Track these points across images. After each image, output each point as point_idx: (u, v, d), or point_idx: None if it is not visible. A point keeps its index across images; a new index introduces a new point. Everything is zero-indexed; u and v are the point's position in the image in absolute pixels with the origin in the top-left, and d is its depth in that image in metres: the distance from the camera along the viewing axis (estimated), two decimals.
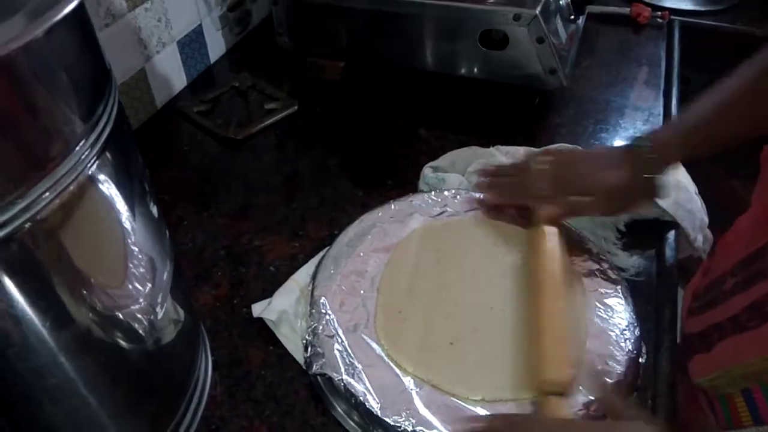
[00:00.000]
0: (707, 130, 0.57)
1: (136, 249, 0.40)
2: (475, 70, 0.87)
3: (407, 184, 0.75)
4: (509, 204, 0.68)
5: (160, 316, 0.44)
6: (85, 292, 0.36)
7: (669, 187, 0.61)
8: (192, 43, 0.95)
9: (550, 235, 0.60)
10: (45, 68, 0.29)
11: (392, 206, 0.69)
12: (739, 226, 0.57)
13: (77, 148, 0.32)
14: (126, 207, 0.38)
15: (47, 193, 0.30)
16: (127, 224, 0.39)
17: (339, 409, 0.52)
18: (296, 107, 0.90)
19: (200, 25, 0.95)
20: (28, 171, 0.29)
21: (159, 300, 0.44)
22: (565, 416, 0.48)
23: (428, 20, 0.84)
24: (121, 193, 0.37)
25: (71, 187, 0.32)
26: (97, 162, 0.34)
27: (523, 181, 0.64)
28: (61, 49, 0.31)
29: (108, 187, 0.36)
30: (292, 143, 0.86)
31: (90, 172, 0.33)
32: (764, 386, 0.46)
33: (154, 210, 0.43)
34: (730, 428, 0.50)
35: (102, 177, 0.35)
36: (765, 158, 0.53)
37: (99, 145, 0.34)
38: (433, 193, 0.71)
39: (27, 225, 0.29)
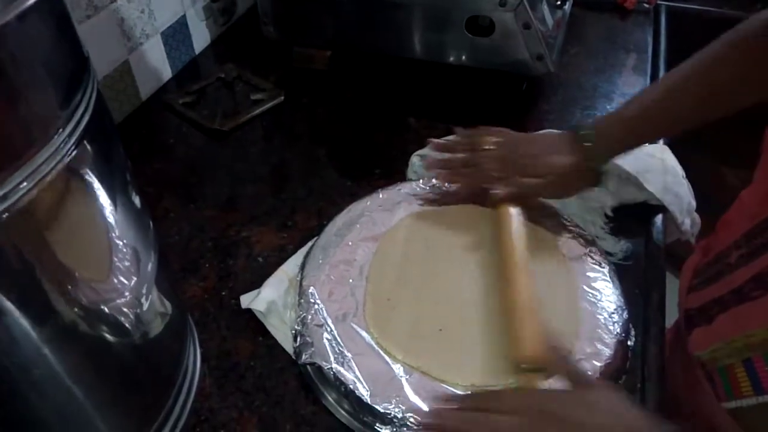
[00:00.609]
0: (651, 118, 0.59)
1: (119, 240, 0.39)
2: (463, 57, 0.86)
3: (395, 173, 0.75)
4: (465, 188, 0.68)
5: (145, 308, 0.44)
6: (66, 283, 0.35)
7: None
8: (176, 35, 0.94)
9: (511, 214, 0.61)
10: (18, 54, 0.29)
11: (380, 195, 0.69)
12: (743, 201, 0.57)
13: (55, 137, 0.32)
14: (107, 197, 0.38)
15: (24, 183, 0.30)
16: (109, 215, 0.38)
17: (329, 397, 0.52)
18: (283, 98, 0.89)
19: (184, 16, 0.94)
20: (3, 159, 0.29)
21: (144, 292, 0.43)
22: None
23: (415, 7, 0.84)
24: (101, 183, 0.37)
25: (49, 177, 0.31)
26: (75, 151, 0.33)
27: (474, 161, 0.65)
28: (35, 35, 0.30)
29: (88, 178, 0.35)
30: (279, 134, 0.85)
31: (68, 162, 0.33)
32: (767, 355, 0.47)
33: (137, 201, 0.43)
34: (730, 399, 0.50)
35: (81, 167, 0.34)
36: (767, 137, 0.53)
37: (77, 134, 0.33)
38: (421, 181, 0.71)
39: (4, 215, 0.29)
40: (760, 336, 0.47)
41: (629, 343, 0.55)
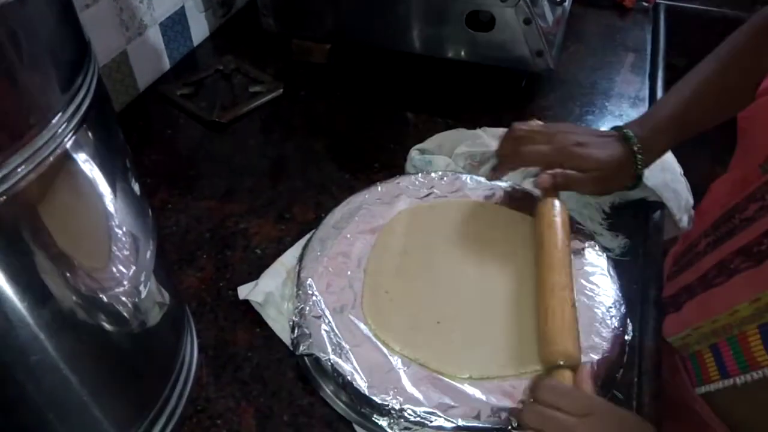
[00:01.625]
0: (680, 122, 0.60)
1: (118, 227, 0.39)
2: (462, 52, 0.86)
3: (394, 167, 0.75)
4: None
5: (143, 296, 0.43)
6: (64, 269, 0.35)
7: (644, 179, 0.63)
8: (175, 26, 0.93)
9: (557, 207, 0.60)
10: (20, 36, 0.29)
11: (379, 188, 0.68)
12: (713, 191, 0.58)
13: (54, 120, 0.31)
14: (106, 183, 0.37)
15: (23, 166, 0.29)
16: (108, 201, 0.38)
17: (326, 389, 0.52)
18: (281, 90, 0.89)
19: (183, 7, 0.94)
20: (2, 141, 0.28)
21: (142, 280, 0.43)
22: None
23: (415, 1, 0.83)
24: (101, 168, 0.36)
25: (49, 160, 0.31)
26: (75, 136, 0.33)
27: (519, 143, 0.64)
28: (37, 17, 0.30)
29: (87, 162, 0.35)
30: (278, 126, 0.85)
31: (68, 146, 0.32)
32: (730, 339, 0.47)
33: (136, 188, 0.42)
34: (701, 384, 0.51)
35: (81, 151, 0.34)
36: (741, 126, 0.54)
37: (77, 118, 0.33)
38: (420, 175, 0.70)
39: (2, 198, 0.29)
40: (723, 321, 0.48)
41: (626, 337, 0.55)
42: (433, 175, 0.70)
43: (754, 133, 0.52)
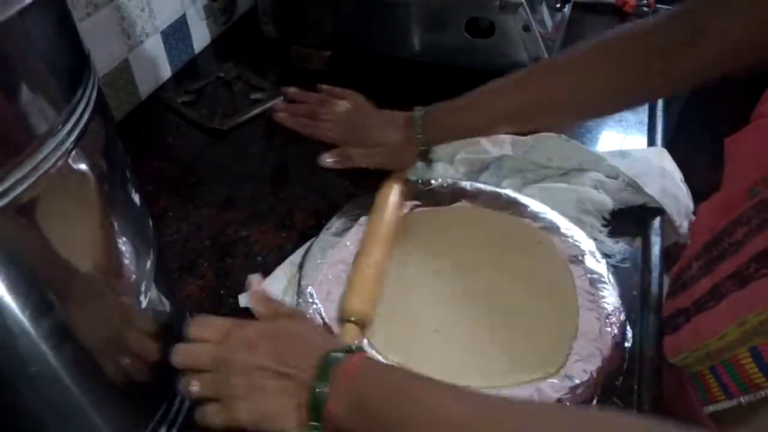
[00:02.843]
0: (480, 111, 0.64)
1: (118, 237, 0.39)
2: (462, 58, 0.87)
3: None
4: (294, 129, 0.73)
5: (143, 305, 0.43)
6: (65, 280, 0.35)
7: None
8: (176, 33, 0.94)
9: (388, 189, 0.66)
10: (20, 50, 0.29)
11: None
12: (701, 213, 0.58)
13: (55, 134, 0.32)
14: (107, 194, 0.38)
15: (25, 179, 0.30)
16: (109, 212, 0.38)
17: None
18: (282, 97, 0.89)
19: (184, 15, 0.94)
20: (3, 156, 0.29)
21: (142, 290, 0.43)
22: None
23: (415, 8, 0.84)
24: (101, 180, 0.37)
25: (50, 173, 0.31)
26: (76, 148, 0.33)
27: (316, 112, 0.72)
28: (36, 31, 0.30)
29: (88, 174, 0.35)
30: (278, 134, 0.84)
31: (69, 158, 0.33)
32: (724, 363, 0.47)
33: (137, 199, 0.43)
34: (707, 404, 0.51)
35: (81, 163, 0.34)
36: (728, 151, 0.54)
37: (78, 130, 0.33)
38: (420, 182, 0.71)
39: (3, 211, 0.29)
40: (714, 345, 0.48)
41: (626, 344, 0.55)
42: (432, 182, 0.70)
43: (742, 159, 0.52)
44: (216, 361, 0.44)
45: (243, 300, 0.59)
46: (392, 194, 0.66)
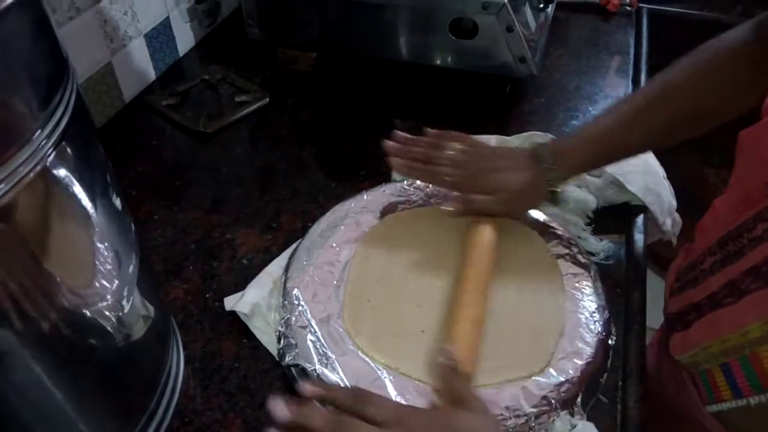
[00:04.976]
0: (601, 146, 0.59)
1: (99, 242, 0.39)
2: (447, 59, 0.87)
3: (380, 175, 0.75)
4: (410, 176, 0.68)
5: (126, 310, 0.43)
6: (46, 286, 0.35)
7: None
8: (160, 36, 0.93)
9: (482, 231, 0.61)
10: None
11: (365, 197, 0.69)
12: (716, 208, 0.58)
13: (33, 138, 0.31)
14: (87, 199, 0.37)
15: (2, 185, 0.29)
16: (89, 217, 0.38)
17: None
18: (268, 99, 0.89)
19: (168, 18, 0.94)
20: None
21: (125, 294, 0.43)
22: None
23: (399, 10, 0.84)
24: (81, 185, 0.36)
25: (28, 179, 0.31)
26: (54, 153, 0.33)
27: (430, 156, 0.64)
28: (12, 35, 0.30)
29: (67, 179, 0.35)
30: (264, 136, 0.85)
31: (47, 163, 0.33)
32: (741, 359, 0.47)
33: (118, 203, 0.43)
34: (712, 403, 0.51)
35: (60, 169, 0.34)
36: (741, 143, 0.54)
37: (56, 135, 0.33)
38: (405, 182, 0.71)
39: None
40: (733, 341, 0.48)
41: (610, 341, 0.56)
42: (418, 182, 0.70)
43: (759, 151, 0.52)
44: None
45: (229, 303, 0.59)
46: (486, 234, 0.61)
